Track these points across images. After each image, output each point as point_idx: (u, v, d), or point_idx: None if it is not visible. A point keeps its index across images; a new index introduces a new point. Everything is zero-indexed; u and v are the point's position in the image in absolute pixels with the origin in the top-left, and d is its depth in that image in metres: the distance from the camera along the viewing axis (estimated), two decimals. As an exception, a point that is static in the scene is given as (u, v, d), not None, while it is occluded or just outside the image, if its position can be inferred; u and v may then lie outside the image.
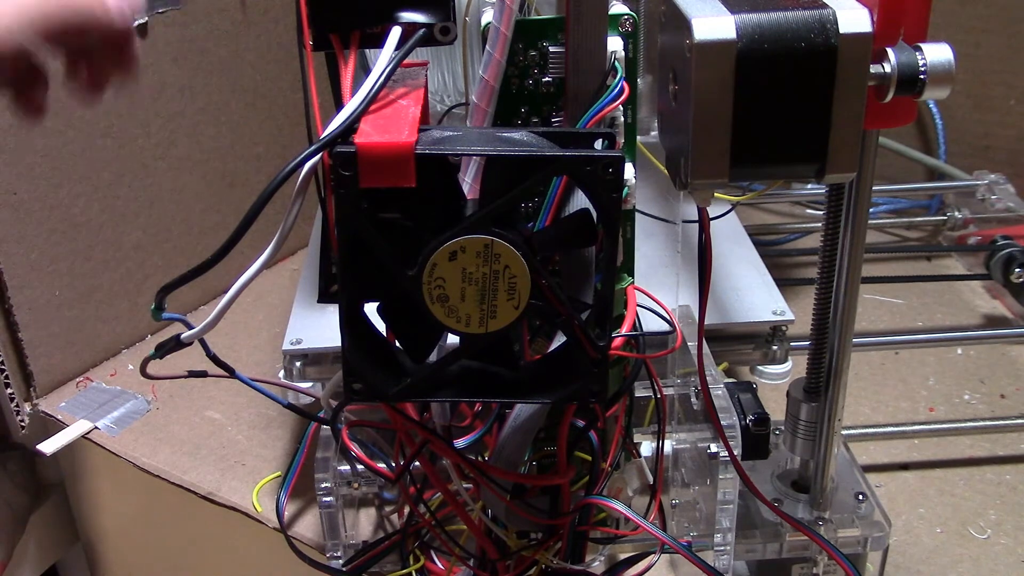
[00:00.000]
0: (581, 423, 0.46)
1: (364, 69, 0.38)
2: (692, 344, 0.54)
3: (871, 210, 0.46)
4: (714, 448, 0.49)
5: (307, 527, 0.60)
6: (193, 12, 0.77)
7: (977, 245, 0.85)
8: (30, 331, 0.71)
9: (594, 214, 0.37)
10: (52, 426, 0.72)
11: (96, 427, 0.70)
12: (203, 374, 0.47)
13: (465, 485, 0.46)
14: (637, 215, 0.48)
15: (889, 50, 0.38)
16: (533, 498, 0.47)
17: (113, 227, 0.76)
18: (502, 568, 0.48)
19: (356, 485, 0.55)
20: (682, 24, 0.37)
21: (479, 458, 0.46)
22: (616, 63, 0.41)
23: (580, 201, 0.38)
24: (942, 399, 0.71)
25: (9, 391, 0.71)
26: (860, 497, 0.53)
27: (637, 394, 0.51)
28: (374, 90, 0.36)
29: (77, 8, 0.40)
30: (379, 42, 0.38)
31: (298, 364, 0.60)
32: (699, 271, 0.42)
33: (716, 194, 0.40)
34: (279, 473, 0.65)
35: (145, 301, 0.79)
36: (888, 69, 0.38)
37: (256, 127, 0.85)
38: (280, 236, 0.37)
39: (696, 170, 0.37)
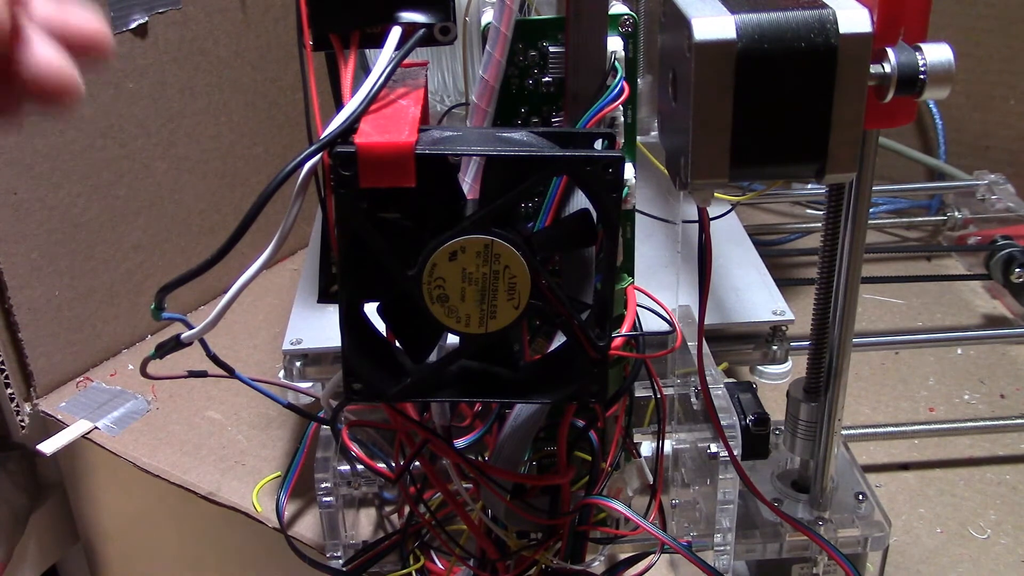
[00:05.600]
0: (581, 423, 0.46)
1: (364, 69, 0.38)
2: (692, 344, 0.54)
3: (871, 210, 0.46)
4: (714, 448, 0.49)
5: (307, 527, 0.60)
6: (193, 12, 0.77)
7: (977, 245, 0.85)
8: (30, 331, 0.71)
9: (594, 214, 0.37)
10: (52, 426, 0.72)
11: (96, 427, 0.70)
12: (203, 374, 0.47)
13: (465, 485, 0.46)
14: (637, 215, 0.48)
15: (889, 50, 0.38)
16: (533, 498, 0.47)
17: (113, 227, 0.76)
18: (502, 568, 0.48)
19: (356, 485, 0.55)
20: (682, 24, 0.37)
21: (479, 458, 0.46)
22: (616, 63, 0.41)
23: (580, 201, 0.38)
24: (942, 399, 0.71)
25: (9, 391, 0.71)
26: (860, 497, 0.53)
27: (637, 394, 0.51)
28: (374, 90, 0.36)
29: None
30: (379, 42, 0.38)
31: (298, 364, 0.60)
32: (699, 271, 0.42)
33: (716, 194, 0.40)
34: (279, 473, 0.65)
35: (145, 301, 0.79)
36: (888, 69, 0.38)
37: (256, 127, 0.85)
38: (280, 236, 0.37)
39: (696, 170, 0.37)
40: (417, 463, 0.46)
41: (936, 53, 0.38)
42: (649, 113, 0.79)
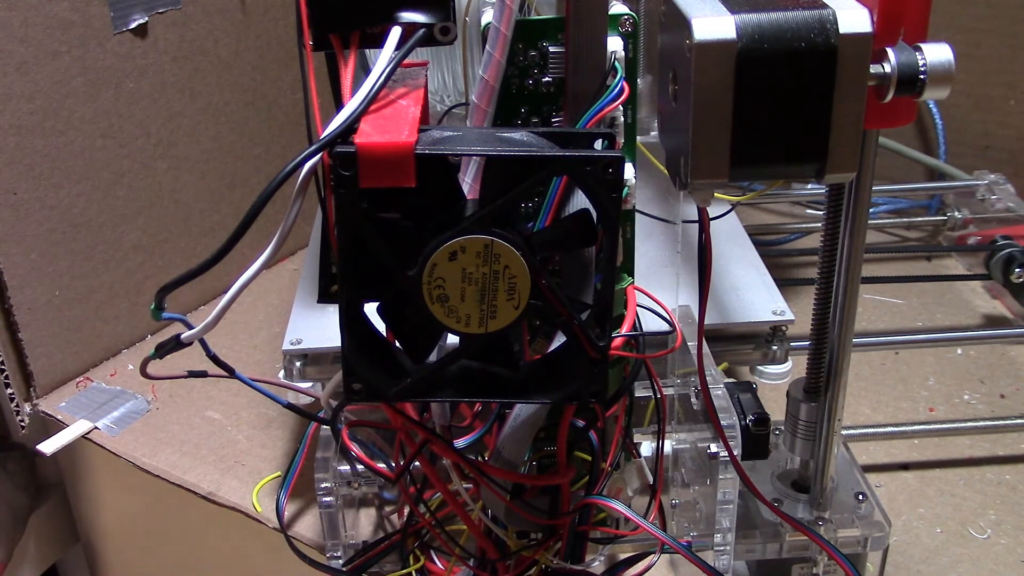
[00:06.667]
0: (581, 423, 0.46)
1: (364, 69, 0.38)
2: (692, 344, 0.54)
3: (871, 210, 0.46)
4: (714, 448, 0.49)
5: (307, 527, 0.60)
6: (193, 12, 0.77)
7: (977, 245, 0.85)
8: (30, 331, 0.71)
9: (594, 214, 0.37)
10: (52, 426, 0.72)
11: (96, 427, 0.70)
12: (203, 374, 0.47)
13: (465, 485, 0.46)
14: (637, 215, 0.48)
15: (889, 50, 0.38)
16: (533, 498, 0.47)
17: (113, 227, 0.76)
18: (502, 568, 0.48)
19: (356, 485, 0.55)
20: (682, 24, 0.37)
21: (479, 458, 0.46)
22: (616, 63, 0.41)
23: (580, 201, 0.38)
24: (942, 399, 0.71)
25: (9, 391, 0.71)
26: (860, 497, 0.53)
27: (637, 394, 0.50)
28: (374, 90, 0.36)
29: None
30: (379, 42, 0.38)
31: (298, 364, 0.60)
32: (699, 271, 0.42)
33: (716, 194, 0.40)
34: (279, 473, 0.65)
35: (145, 301, 0.79)
36: (888, 69, 0.38)
37: (256, 127, 0.85)
38: (280, 236, 0.37)
39: (696, 170, 0.38)
40: (417, 463, 0.46)
41: (936, 53, 0.38)
42: (649, 113, 0.79)
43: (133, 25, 0.73)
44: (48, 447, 0.69)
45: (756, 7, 0.36)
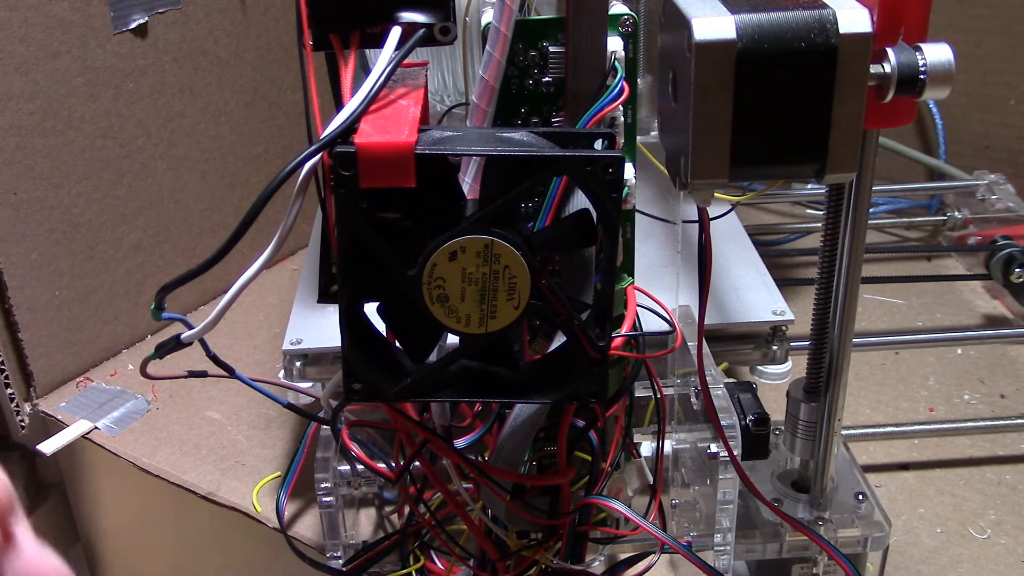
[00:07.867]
0: (581, 423, 0.46)
1: (364, 69, 0.38)
2: (692, 344, 0.54)
3: (871, 210, 0.46)
4: (714, 448, 0.49)
5: (307, 527, 0.60)
6: (193, 12, 0.77)
7: (977, 245, 0.85)
8: (30, 331, 0.71)
9: (594, 214, 0.37)
10: (52, 426, 0.72)
11: (96, 427, 0.70)
12: (203, 374, 0.47)
13: (465, 485, 0.46)
14: (637, 215, 0.48)
15: (889, 50, 0.38)
16: (533, 498, 0.47)
17: (113, 227, 0.76)
18: (502, 568, 0.48)
19: (356, 485, 0.55)
20: (682, 24, 0.37)
21: (479, 458, 0.46)
22: (616, 63, 0.41)
23: (580, 201, 0.38)
24: (942, 399, 0.71)
25: (9, 391, 0.71)
26: (860, 497, 0.53)
27: (637, 394, 0.50)
28: (374, 90, 0.36)
29: None
30: (379, 42, 0.38)
31: (298, 364, 0.60)
32: (699, 271, 0.42)
33: (716, 194, 0.40)
34: (279, 473, 0.65)
35: (145, 301, 0.79)
36: (888, 69, 0.38)
37: (256, 127, 0.85)
38: (280, 236, 0.37)
39: (696, 170, 0.38)
40: (417, 463, 0.46)
41: (936, 53, 0.38)
42: (649, 113, 0.79)
43: (133, 25, 0.73)
44: (48, 447, 0.69)
45: (756, 7, 0.36)
